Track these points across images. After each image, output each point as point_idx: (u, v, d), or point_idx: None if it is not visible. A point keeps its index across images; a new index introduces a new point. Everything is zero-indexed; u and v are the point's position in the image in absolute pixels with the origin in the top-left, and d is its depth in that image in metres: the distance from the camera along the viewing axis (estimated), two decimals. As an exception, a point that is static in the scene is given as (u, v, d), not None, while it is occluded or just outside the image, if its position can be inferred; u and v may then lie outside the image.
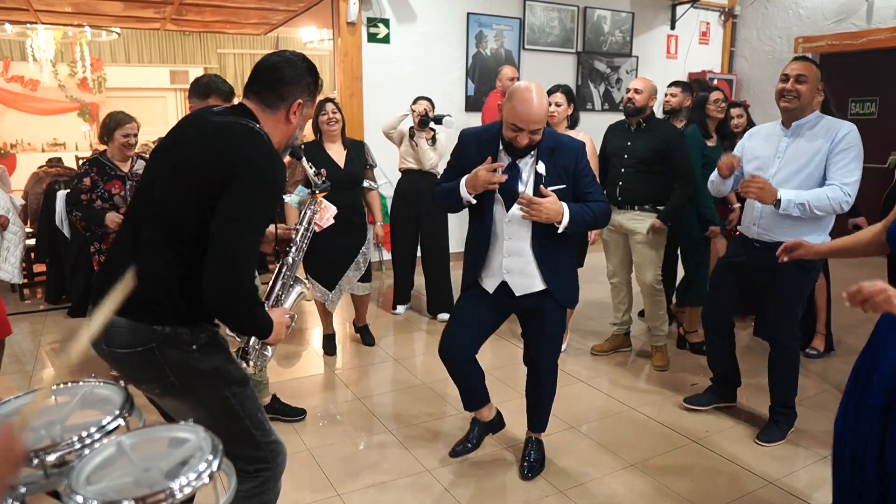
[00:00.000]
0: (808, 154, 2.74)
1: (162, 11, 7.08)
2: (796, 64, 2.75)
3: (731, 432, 3.11)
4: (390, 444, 3.00)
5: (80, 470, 1.03)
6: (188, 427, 1.12)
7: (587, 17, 6.90)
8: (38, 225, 5.21)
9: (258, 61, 1.74)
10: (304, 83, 1.70)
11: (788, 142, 2.82)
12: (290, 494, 2.57)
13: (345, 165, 3.83)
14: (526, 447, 2.79)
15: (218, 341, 1.71)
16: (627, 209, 3.73)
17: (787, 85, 2.72)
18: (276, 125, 1.70)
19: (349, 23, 5.60)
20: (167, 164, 1.64)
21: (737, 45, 8.01)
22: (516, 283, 2.50)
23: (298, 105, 1.71)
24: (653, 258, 3.75)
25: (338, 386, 3.66)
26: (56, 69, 10.13)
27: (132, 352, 1.57)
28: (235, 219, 1.51)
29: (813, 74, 2.72)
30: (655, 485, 2.67)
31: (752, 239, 2.93)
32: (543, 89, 2.38)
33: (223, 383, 1.66)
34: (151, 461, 1.04)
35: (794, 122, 2.79)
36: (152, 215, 1.60)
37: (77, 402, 1.24)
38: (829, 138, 2.69)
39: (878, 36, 6.51)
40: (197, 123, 1.68)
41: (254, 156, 1.56)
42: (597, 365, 3.94)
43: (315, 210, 2.01)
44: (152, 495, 0.95)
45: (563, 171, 2.41)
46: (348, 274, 3.95)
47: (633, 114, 3.70)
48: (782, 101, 2.76)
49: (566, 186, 2.41)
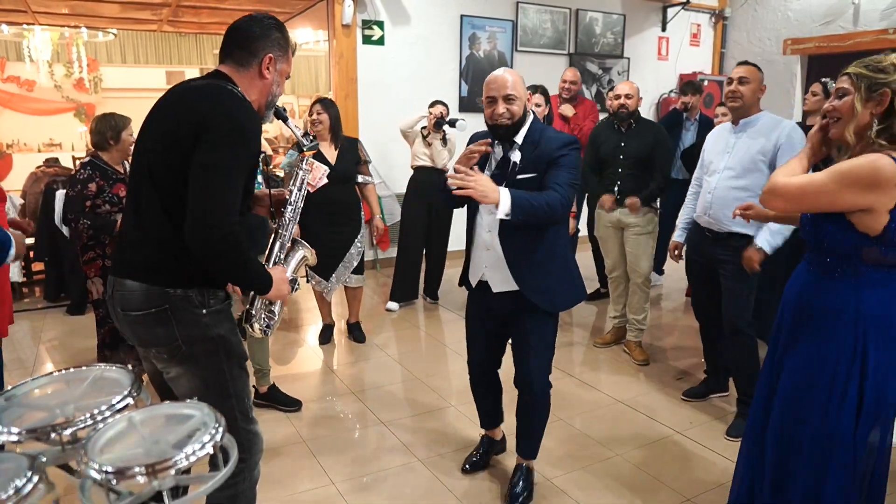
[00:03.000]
0: (751, 152, 2.97)
1: (159, 13, 7.15)
2: (740, 68, 3.03)
3: (717, 423, 3.21)
4: (384, 435, 3.09)
5: (94, 442, 1.11)
6: (194, 404, 1.21)
7: (579, 18, 7.00)
8: (37, 224, 5.28)
9: (228, 27, 1.82)
10: (272, 38, 1.77)
11: (736, 139, 3.05)
12: (286, 483, 2.66)
13: (336, 162, 3.94)
14: (514, 475, 2.61)
15: (228, 312, 1.80)
16: (623, 205, 3.90)
17: (732, 87, 3.00)
18: (251, 83, 1.77)
19: (344, 25, 5.69)
20: (152, 132, 1.73)
21: (727, 47, 8.12)
22: (493, 279, 2.43)
23: (270, 59, 1.77)
24: (647, 248, 3.95)
25: (333, 379, 3.75)
26: (52, 70, 10.18)
27: (146, 313, 1.67)
28: (208, 166, 1.58)
29: (755, 77, 3.00)
30: (639, 474, 2.77)
31: (704, 228, 3.14)
32: (520, 74, 2.36)
33: (224, 354, 1.75)
34: (160, 434, 1.13)
35: (741, 120, 3.04)
36: (148, 183, 1.68)
37: (88, 384, 1.32)
38: (772, 137, 2.92)
39: (865, 38, 6.63)
40: (175, 90, 1.77)
41: (222, 108, 1.63)
42: (590, 359, 4.04)
43: (307, 170, 2.04)
44: (160, 462, 1.03)
45: (538, 161, 2.29)
46: (340, 267, 4.07)
47: (627, 118, 3.90)
48: (728, 102, 3.04)
49: (536, 176, 2.28)
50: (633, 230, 3.93)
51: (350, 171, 4.02)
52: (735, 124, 3.08)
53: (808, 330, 1.94)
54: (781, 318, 2.06)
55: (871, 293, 1.83)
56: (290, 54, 1.85)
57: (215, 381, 1.75)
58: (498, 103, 2.28)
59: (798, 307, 1.98)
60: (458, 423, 3.20)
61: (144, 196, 1.69)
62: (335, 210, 3.99)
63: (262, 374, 3.31)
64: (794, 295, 1.99)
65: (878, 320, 1.83)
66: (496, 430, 2.84)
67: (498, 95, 2.28)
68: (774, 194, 1.87)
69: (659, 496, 2.60)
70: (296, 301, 5.21)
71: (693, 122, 5.10)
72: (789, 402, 1.95)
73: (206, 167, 1.59)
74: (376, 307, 5.05)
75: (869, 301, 1.83)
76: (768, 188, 1.89)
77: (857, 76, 1.84)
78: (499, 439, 2.88)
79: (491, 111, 2.30)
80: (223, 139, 1.60)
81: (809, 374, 1.91)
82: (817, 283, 1.92)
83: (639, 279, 3.99)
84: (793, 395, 1.94)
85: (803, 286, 1.97)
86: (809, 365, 1.91)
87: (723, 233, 3.03)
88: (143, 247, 1.70)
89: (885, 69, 1.80)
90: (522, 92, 2.32)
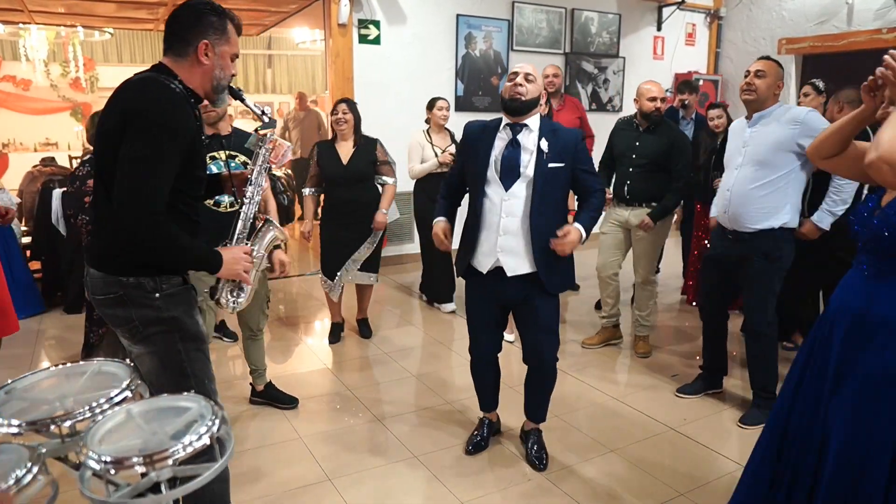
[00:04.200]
0: (767, 143, 2.93)
1: (155, 12, 7.16)
2: (759, 62, 3.00)
3: (711, 419, 3.24)
4: (381, 432, 3.11)
5: (93, 434, 1.14)
6: (191, 397, 1.23)
7: (575, 18, 7.02)
8: (34, 223, 5.29)
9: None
10: (206, 23, 1.78)
11: (751, 133, 3.01)
12: (282, 481, 2.68)
13: (348, 163, 3.98)
14: (528, 439, 2.87)
15: (185, 296, 1.86)
16: (635, 206, 3.89)
17: (748, 79, 2.96)
18: (191, 71, 1.80)
19: (340, 24, 5.71)
20: (99, 128, 1.79)
21: (722, 47, 8.16)
22: (509, 263, 2.57)
23: (206, 45, 1.78)
24: (651, 253, 3.96)
25: (331, 376, 3.77)
26: (48, 69, 10.18)
27: (106, 297, 1.78)
28: (130, 157, 1.64)
29: (773, 72, 2.93)
30: (633, 470, 2.80)
31: (726, 229, 3.11)
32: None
33: (178, 335, 1.82)
34: (158, 426, 1.15)
35: (755, 113, 3.01)
36: (100, 177, 1.78)
37: (87, 378, 1.34)
38: (787, 124, 2.88)
39: (859, 38, 6.67)
40: (119, 86, 1.81)
41: (144, 100, 1.68)
42: (585, 357, 4.07)
43: (269, 148, 2.03)
44: (158, 453, 1.06)
45: (563, 151, 2.54)
46: (346, 266, 4.10)
47: (659, 121, 3.83)
48: (742, 95, 3.00)
49: (565, 165, 2.54)
50: (641, 233, 3.88)
51: (363, 171, 4.02)
52: (749, 118, 3.06)
53: (874, 343, 1.70)
54: (831, 327, 1.84)
55: None
56: (231, 35, 1.83)
57: (171, 361, 1.82)
58: (519, 77, 2.54)
59: (857, 317, 1.75)
60: (454, 419, 3.22)
61: (100, 189, 1.78)
62: (347, 210, 4.01)
63: (258, 374, 3.33)
64: (848, 305, 1.78)
65: None
66: (493, 413, 2.99)
67: (521, 71, 2.55)
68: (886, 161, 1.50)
69: (654, 492, 2.62)
70: (296, 297, 5.23)
71: (689, 121, 5.13)
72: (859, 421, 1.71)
73: (129, 159, 1.64)
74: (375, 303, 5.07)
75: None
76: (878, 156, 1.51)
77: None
78: (495, 420, 3.02)
79: (512, 84, 2.54)
80: (144, 131, 1.65)
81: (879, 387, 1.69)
82: (879, 290, 1.71)
83: (639, 279, 4.01)
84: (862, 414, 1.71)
85: (860, 295, 1.75)
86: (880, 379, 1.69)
87: (744, 232, 3.01)
88: (99, 237, 1.83)
89: None
90: (540, 80, 2.62)
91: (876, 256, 1.71)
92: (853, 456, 1.71)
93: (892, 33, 6.40)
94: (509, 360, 3.75)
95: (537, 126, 2.56)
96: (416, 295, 5.30)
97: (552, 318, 2.68)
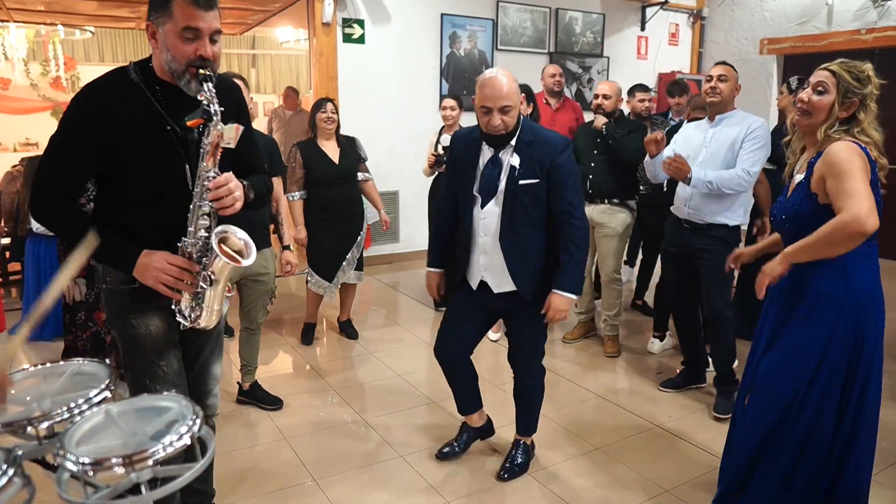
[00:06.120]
0: (726, 143, 3.10)
1: (137, 11, 7.08)
2: (718, 66, 3.18)
3: (696, 415, 3.26)
4: (366, 433, 3.10)
5: (71, 435, 1.11)
6: (171, 397, 1.21)
7: (559, 18, 7.04)
8: (13, 224, 5.21)
9: None
10: (152, 5, 1.65)
11: (713, 133, 3.18)
12: (268, 482, 2.66)
13: (339, 161, 3.96)
14: (512, 449, 2.76)
15: (125, 296, 1.76)
16: (597, 202, 3.90)
17: (712, 83, 3.14)
18: (155, 55, 1.71)
19: (324, 23, 5.68)
20: None
21: (705, 47, 8.22)
22: (492, 282, 2.49)
23: (149, 27, 1.66)
24: (615, 250, 3.95)
25: (316, 377, 3.74)
26: (28, 68, 10.03)
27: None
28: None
29: (732, 76, 3.16)
30: (619, 467, 2.80)
31: (682, 220, 3.25)
32: (512, 74, 2.34)
33: (117, 331, 1.83)
34: (138, 426, 1.13)
35: (718, 115, 3.18)
36: None
37: (65, 378, 1.32)
38: (743, 128, 3.07)
39: (838, 38, 6.75)
40: None
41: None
42: (568, 353, 4.08)
43: (208, 141, 1.69)
44: (138, 453, 1.04)
45: (539, 166, 2.33)
46: (344, 265, 4.09)
47: (606, 117, 3.88)
48: (708, 98, 3.17)
49: (539, 182, 2.34)
50: (604, 230, 3.90)
51: (353, 169, 4.03)
52: (711, 119, 3.22)
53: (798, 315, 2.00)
54: (766, 310, 2.13)
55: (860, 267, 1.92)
56: (174, 10, 1.62)
57: (123, 350, 1.84)
58: (493, 114, 2.27)
59: (788, 295, 2.03)
60: (439, 417, 3.21)
61: None
62: (338, 209, 3.99)
63: (248, 371, 3.31)
64: (782, 286, 2.03)
65: (870, 296, 1.93)
66: (474, 416, 2.82)
67: (494, 107, 2.26)
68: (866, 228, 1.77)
69: (639, 488, 2.63)
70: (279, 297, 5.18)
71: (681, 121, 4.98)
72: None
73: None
74: (361, 305, 5.05)
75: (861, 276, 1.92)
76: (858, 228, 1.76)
77: (840, 78, 1.90)
78: (480, 425, 2.86)
79: (487, 121, 2.30)
80: (60, 121, 1.71)
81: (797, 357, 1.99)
82: (804, 269, 1.95)
83: (605, 277, 4.02)
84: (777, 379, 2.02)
85: (790, 275, 1.98)
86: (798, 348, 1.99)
87: (702, 223, 3.16)
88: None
89: (862, 80, 1.89)
90: (517, 99, 2.31)
91: (790, 242, 1.98)
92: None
93: (870, 34, 6.50)
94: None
95: (515, 140, 2.37)
96: (402, 294, 5.28)
97: (537, 333, 2.57)
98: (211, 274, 1.64)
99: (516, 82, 2.34)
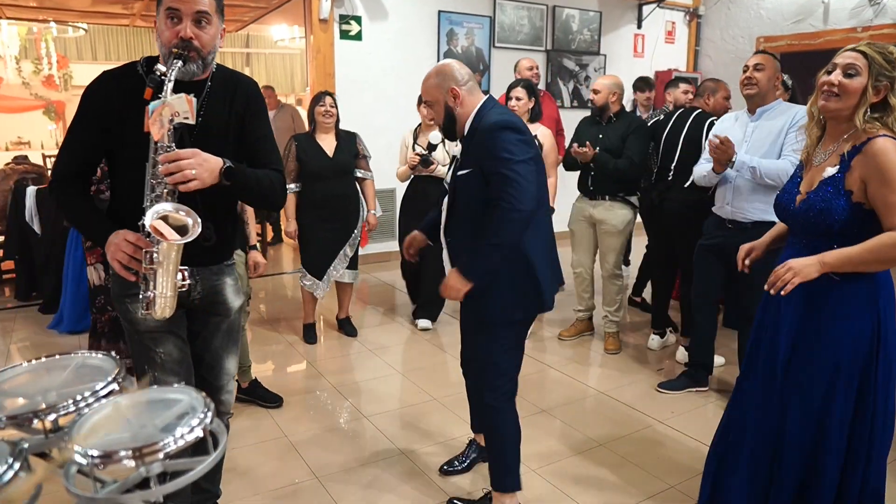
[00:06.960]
0: (770, 136, 2.94)
1: (130, 7, 7.03)
2: (756, 55, 3.02)
3: (699, 412, 3.24)
4: (367, 429, 3.07)
5: (78, 427, 1.08)
6: (181, 389, 1.18)
7: (556, 15, 7.03)
8: (7, 222, 5.15)
9: None
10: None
11: (754, 126, 3.03)
12: (270, 480, 2.63)
13: (333, 155, 3.92)
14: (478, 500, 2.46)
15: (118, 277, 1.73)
16: (599, 199, 3.88)
17: (747, 73, 2.97)
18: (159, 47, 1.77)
19: (321, 20, 5.65)
20: None
21: (701, 45, 8.23)
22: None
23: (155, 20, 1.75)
24: (617, 247, 3.94)
25: (316, 375, 3.71)
26: (20, 66, 9.95)
27: None
28: None
29: (770, 64, 2.96)
30: (619, 463, 2.79)
31: (725, 220, 3.12)
32: (449, 66, 2.21)
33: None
34: (147, 419, 1.10)
35: (758, 108, 3.02)
36: None
37: (70, 371, 1.28)
38: (787, 119, 2.91)
39: (834, 36, 6.77)
40: None
41: None
42: (566, 350, 4.06)
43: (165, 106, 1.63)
44: (148, 446, 1.00)
45: (476, 152, 2.10)
46: (336, 263, 4.03)
47: (598, 112, 3.90)
48: (744, 90, 3.00)
49: (472, 170, 2.10)
50: (606, 227, 3.90)
51: (348, 164, 3.98)
52: (751, 112, 3.07)
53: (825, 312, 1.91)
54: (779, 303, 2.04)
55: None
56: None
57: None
58: (421, 107, 2.26)
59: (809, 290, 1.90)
60: (441, 417, 3.19)
61: None
62: (332, 205, 3.94)
63: (243, 370, 3.27)
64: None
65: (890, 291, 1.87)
66: (482, 436, 2.55)
67: (426, 114, 2.26)
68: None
69: (643, 485, 2.62)
70: (276, 296, 5.15)
71: (659, 111, 5.03)
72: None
73: None
74: (353, 304, 5.03)
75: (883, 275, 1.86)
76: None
77: (872, 60, 1.77)
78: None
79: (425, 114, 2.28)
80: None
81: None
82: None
83: (605, 273, 4.02)
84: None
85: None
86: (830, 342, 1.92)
87: (747, 222, 3.01)
88: None
89: (893, 63, 1.77)
90: (438, 94, 2.17)
91: (809, 236, 1.92)
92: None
93: (866, 32, 6.51)
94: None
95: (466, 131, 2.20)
96: (400, 292, 5.25)
97: (482, 348, 2.23)
98: (154, 252, 1.58)
99: (444, 74, 2.18)
